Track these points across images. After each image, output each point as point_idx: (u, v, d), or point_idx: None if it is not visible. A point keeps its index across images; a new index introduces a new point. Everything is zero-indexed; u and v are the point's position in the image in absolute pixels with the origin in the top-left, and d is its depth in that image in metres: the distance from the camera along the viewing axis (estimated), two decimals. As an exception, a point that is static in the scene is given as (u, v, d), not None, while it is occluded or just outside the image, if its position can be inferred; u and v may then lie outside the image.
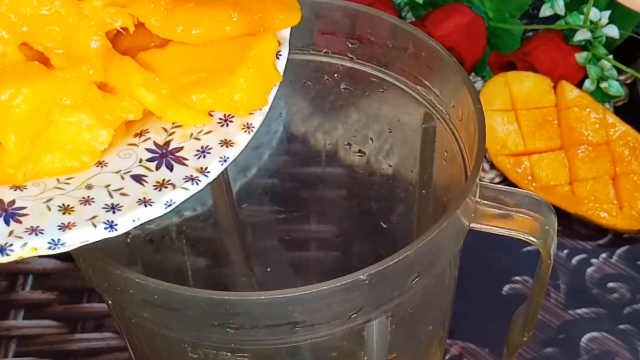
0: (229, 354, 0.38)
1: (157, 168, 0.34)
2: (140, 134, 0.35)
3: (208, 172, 0.34)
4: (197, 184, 0.33)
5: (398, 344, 0.41)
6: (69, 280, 0.59)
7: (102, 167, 0.34)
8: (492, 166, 0.64)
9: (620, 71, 0.66)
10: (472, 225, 0.39)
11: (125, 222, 0.32)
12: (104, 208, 0.32)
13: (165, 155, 0.34)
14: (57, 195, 0.32)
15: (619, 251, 0.60)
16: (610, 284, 0.58)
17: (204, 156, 0.34)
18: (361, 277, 0.34)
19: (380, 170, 0.51)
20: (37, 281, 0.59)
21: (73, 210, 0.32)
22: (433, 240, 0.35)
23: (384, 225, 0.53)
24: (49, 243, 0.31)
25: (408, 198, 0.49)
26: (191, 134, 0.35)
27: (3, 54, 0.33)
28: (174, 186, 0.33)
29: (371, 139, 0.50)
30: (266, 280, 0.55)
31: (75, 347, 0.56)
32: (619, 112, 0.65)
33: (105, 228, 0.31)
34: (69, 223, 0.31)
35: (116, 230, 0.31)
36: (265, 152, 0.53)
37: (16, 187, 0.33)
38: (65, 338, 0.56)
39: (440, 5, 0.67)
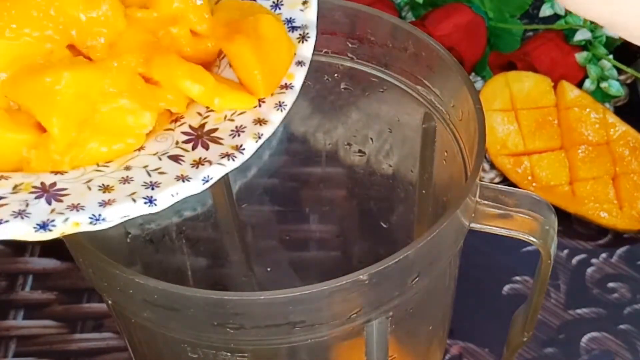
0: (229, 354, 0.38)
1: (194, 148, 0.35)
2: (176, 120, 0.36)
3: (243, 149, 0.34)
4: (234, 160, 0.34)
5: (398, 344, 0.41)
6: (68, 280, 0.59)
7: (139, 151, 0.35)
8: (492, 166, 0.64)
9: (620, 71, 0.66)
10: (472, 225, 0.39)
11: (165, 197, 0.32)
12: (142, 185, 0.33)
13: (200, 137, 0.35)
14: (97, 177, 0.33)
15: (619, 251, 0.60)
16: (611, 284, 0.58)
17: (239, 135, 0.35)
18: (361, 277, 0.34)
19: (380, 170, 0.51)
20: (36, 281, 0.59)
21: (113, 189, 0.33)
22: (433, 240, 0.35)
23: (384, 225, 0.53)
24: (90, 218, 0.31)
25: (408, 198, 0.49)
26: (225, 116, 0.36)
27: (50, 52, 0.34)
28: (210, 163, 0.34)
29: (371, 139, 0.50)
30: (266, 280, 0.55)
31: (74, 347, 0.56)
32: (619, 112, 0.65)
33: (145, 203, 0.32)
34: (109, 200, 0.32)
35: (156, 205, 0.32)
36: (265, 152, 0.53)
37: (57, 172, 0.34)
38: (65, 338, 0.56)
39: (440, 5, 0.67)
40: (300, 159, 0.53)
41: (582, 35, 0.65)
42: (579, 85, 0.65)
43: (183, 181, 0.33)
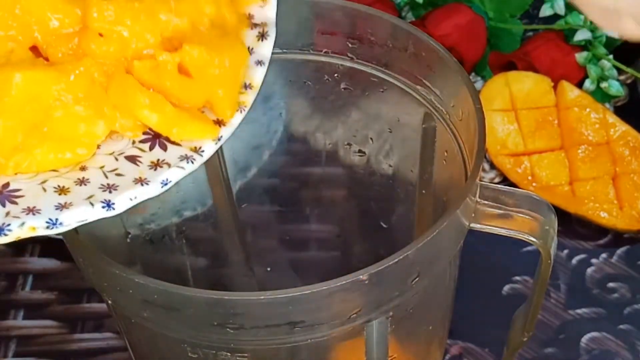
0: (229, 354, 0.38)
1: (151, 149, 0.34)
2: None
3: (202, 151, 0.34)
4: (192, 162, 0.33)
5: (398, 344, 0.41)
6: (68, 280, 0.59)
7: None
8: (492, 166, 0.64)
9: (620, 71, 0.66)
10: (472, 225, 0.39)
11: (123, 201, 0.32)
12: (100, 188, 0.32)
13: (158, 136, 0.34)
14: (52, 177, 0.33)
15: (619, 251, 0.60)
16: (611, 284, 0.58)
17: None
18: (361, 277, 0.34)
19: (380, 170, 0.51)
20: (37, 281, 0.59)
21: (69, 191, 0.32)
22: (433, 240, 0.35)
23: (384, 225, 0.53)
24: (47, 222, 0.31)
25: (408, 198, 0.50)
26: None
27: (11, 51, 0.33)
28: (169, 165, 0.33)
29: (371, 139, 0.50)
30: (266, 280, 0.55)
31: (75, 347, 0.56)
32: (619, 112, 0.65)
33: (103, 207, 0.32)
34: (65, 203, 0.31)
35: (114, 209, 0.32)
36: (266, 152, 0.53)
37: None
38: (65, 338, 0.56)
39: (440, 5, 0.67)
40: (300, 159, 0.53)
41: (582, 35, 0.65)
42: (579, 85, 0.65)
43: (142, 184, 0.32)
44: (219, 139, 0.34)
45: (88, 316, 0.57)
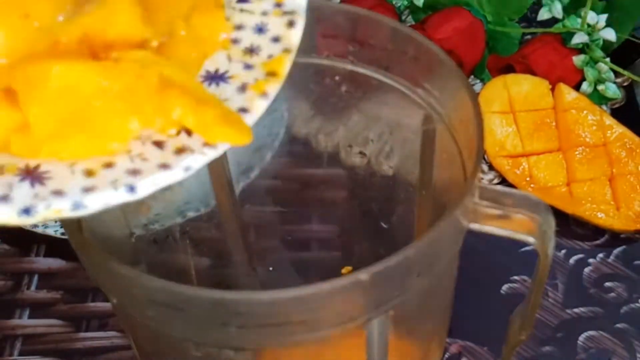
0: (232, 352, 0.38)
1: (177, 134, 0.34)
2: None
3: None
4: (215, 149, 0.33)
5: (398, 343, 0.41)
6: (74, 279, 0.59)
7: None
8: (491, 167, 0.64)
9: (617, 74, 0.66)
10: (471, 225, 0.39)
11: (146, 185, 0.32)
12: (125, 172, 0.32)
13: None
14: (81, 159, 0.33)
15: (616, 251, 0.60)
16: (608, 284, 0.58)
17: None
18: (361, 277, 0.34)
19: (380, 171, 0.51)
20: (42, 281, 0.59)
21: (95, 174, 0.32)
22: (433, 241, 0.36)
23: (384, 226, 0.53)
24: (72, 205, 0.31)
25: (408, 199, 0.50)
26: None
27: (57, 42, 0.33)
28: (192, 151, 0.33)
29: (372, 140, 0.50)
30: (268, 280, 0.55)
31: (80, 345, 0.56)
32: (616, 114, 0.65)
33: (126, 191, 0.32)
34: (91, 186, 0.32)
35: (136, 192, 0.32)
36: (268, 153, 0.53)
37: None
38: (70, 337, 0.56)
39: (439, 8, 0.67)
40: (302, 160, 0.53)
41: (579, 38, 0.65)
42: (577, 87, 0.65)
43: (164, 169, 0.32)
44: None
45: (93, 315, 0.57)
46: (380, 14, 0.44)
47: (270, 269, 0.56)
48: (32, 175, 0.32)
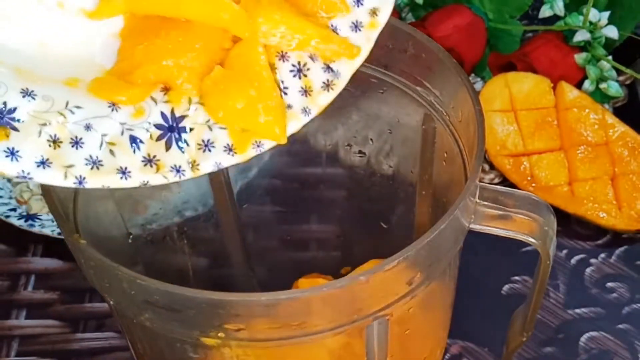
0: (230, 353, 0.38)
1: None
2: None
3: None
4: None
5: (398, 344, 0.41)
6: (70, 280, 0.59)
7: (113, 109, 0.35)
8: (492, 167, 0.64)
9: (619, 72, 0.66)
10: (472, 226, 0.39)
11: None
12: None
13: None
14: (54, 121, 0.33)
15: (617, 251, 0.60)
16: (609, 284, 0.58)
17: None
18: (361, 277, 0.34)
19: (380, 170, 0.51)
20: (39, 281, 0.59)
21: (60, 145, 0.33)
22: (433, 241, 0.36)
23: (384, 226, 0.53)
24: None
25: (408, 199, 0.50)
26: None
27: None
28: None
29: (371, 139, 0.50)
30: (267, 280, 0.56)
31: (77, 346, 0.56)
32: (618, 112, 0.65)
33: (74, 182, 0.33)
34: (47, 160, 0.33)
35: (86, 184, 0.33)
36: (266, 152, 0.53)
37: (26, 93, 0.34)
38: (67, 337, 0.56)
39: (440, 6, 0.67)
40: (301, 159, 0.53)
41: (581, 36, 0.65)
42: (578, 86, 0.65)
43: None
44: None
45: (90, 316, 0.57)
46: (380, 12, 0.43)
47: (269, 269, 0.56)
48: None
